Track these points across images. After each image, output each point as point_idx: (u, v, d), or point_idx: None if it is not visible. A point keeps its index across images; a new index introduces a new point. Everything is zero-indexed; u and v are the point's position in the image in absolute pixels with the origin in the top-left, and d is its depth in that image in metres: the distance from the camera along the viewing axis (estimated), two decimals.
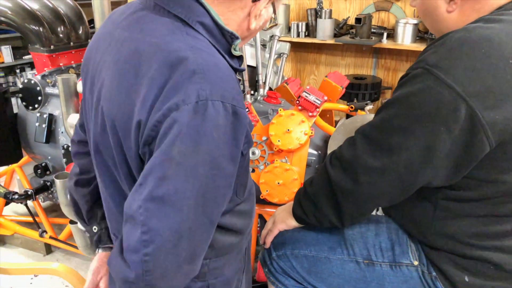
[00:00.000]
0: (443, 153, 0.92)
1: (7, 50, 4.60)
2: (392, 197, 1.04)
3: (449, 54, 0.90)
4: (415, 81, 0.93)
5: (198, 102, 0.72)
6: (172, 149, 0.72)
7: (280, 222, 1.28)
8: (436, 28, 1.08)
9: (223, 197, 0.81)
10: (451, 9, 1.00)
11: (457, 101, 0.87)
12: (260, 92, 2.07)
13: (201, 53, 0.77)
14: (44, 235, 2.28)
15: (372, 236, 1.18)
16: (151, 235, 0.73)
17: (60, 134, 2.12)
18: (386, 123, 0.98)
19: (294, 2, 3.66)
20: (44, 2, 2.26)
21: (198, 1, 0.83)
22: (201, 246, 0.81)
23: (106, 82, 0.85)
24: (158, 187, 0.73)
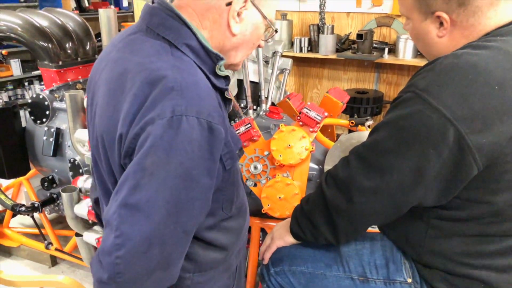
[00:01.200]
0: (433, 174, 0.95)
1: (16, 64, 4.69)
2: (385, 216, 1.07)
3: (438, 80, 0.94)
4: (405, 105, 0.97)
5: (173, 117, 0.77)
6: (145, 160, 0.77)
7: (278, 239, 1.31)
8: (428, 52, 1.12)
9: (199, 210, 0.85)
10: (441, 35, 1.04)
11: (445, 125, 0.90)
12: (262, 107, 2.11)
13: (181, 72, 0.83)
14: (50, 247, 2.31)
15: (367, 253, 1.21)
16: (123, 239, 0.77)
17: (67, 148, 2.17)
18: (378, 145, 1.01)
19: (297, 18, 3.72)
20: (53, 19, 2.33)
21: (186, 25, 0.89)
22: (176, 255, 0.84)
23: (99, 100, 0.92)
24: (131, 195, 0.78)
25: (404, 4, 1.08)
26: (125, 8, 6.25)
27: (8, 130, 2.20)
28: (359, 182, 1.03)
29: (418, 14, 1.05)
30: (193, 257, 0.98)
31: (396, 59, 3.23)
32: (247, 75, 2.05)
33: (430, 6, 1.01)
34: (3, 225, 2.52)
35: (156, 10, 0.91)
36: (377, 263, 1.19)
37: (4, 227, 2.52)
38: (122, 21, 5.04)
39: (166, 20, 0.90)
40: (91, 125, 0.99)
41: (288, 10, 3.66)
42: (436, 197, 0.99)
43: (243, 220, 1.11)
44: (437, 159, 0.93)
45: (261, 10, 0.95)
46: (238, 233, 1.08)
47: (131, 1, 6.24)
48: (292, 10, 3.68)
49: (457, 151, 0.91)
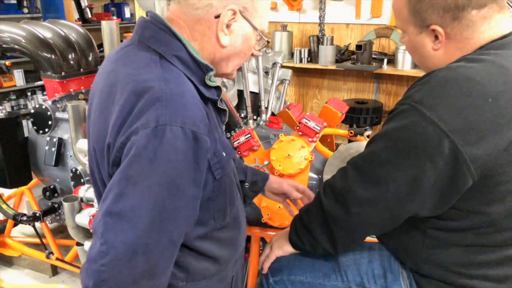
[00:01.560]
0: (429, 185, 0.96)
1: (19, 74, 4.73)
2: (382, 227, 1.09)
3: (433, 92, 0.96)
4: (401, 117, 0.98)
5: (157, 126, 0.79)
6: (129, 169, 0.79)
7: (277, 248, 1.31)
8: (423, 64, 1.13)
9: (185, 219, 0.86)
10: (436, 48, 1.05)
11: (440, 137, 0.92)
12: (262, 117, 2.13)
13: (168, 83, 0.85)
14: (51, 256, 2.31)
15: (365, 263, 1.22)
16: (107, 247, 0.78)
17: (69, 157, 2.18)
18: (374, 156, 1.03)
19: (297, 29, 3.76)
20: (56, 31, 2.36)
21: (176, 37, 0.91)
22: (162, 265, 0.84)
23: (93, 111, 0.95)
24: (116, 203, 0.79)
25: (400, 18, 1.10)
26: (127, 19, 6.32)
27: (10, 140, 2.22)
28: (356, 193, 1.05)
29: (413, 27, 1.07)
30: (186, 266, 0.98)
31: (395, 69, 3.26)
32: (247, 86, 2.08)
33: (425, 20, 1.03)
34: (5, 235, 2.53)
35: (148, 23, 0.94)
36: (375, 272, 1.20)
37: (5, 236, 2.53)
38: (125, 32, 5.09)
39: (157, 32, 0.92)
40: (88, 135, 1.02)
41: (288, 22, 3.70)
42: (432, 208, 1.00)
43: (238, 231, 1.11)
44: (433, 171, 0.94)
45: (251, 22, 0.96)
46: (233, 245, 1.09)
47: (133, 12, 6.31)
48: (292, 21, 3.72)
49: (452, 163, 0.93)
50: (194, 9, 0.92)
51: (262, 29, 0.99)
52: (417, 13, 1.03)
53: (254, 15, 0.96)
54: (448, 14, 0.99)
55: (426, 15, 1.02)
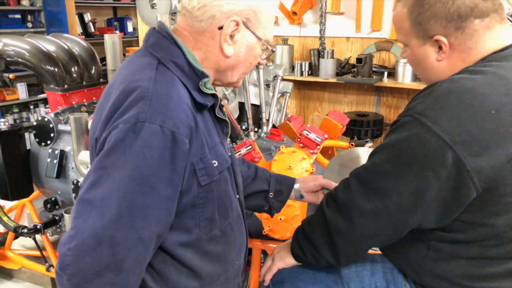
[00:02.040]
0: (432, 197, 0.96)
1: (22, 87, 4.77)
2: (385, 238, 1.07)
3: (436, 104, 0.96)
4: (404, 128, 0.98)
5: (137, 123, 0.82)
6: (105, 160, 0.82)
7: (278, 260, 1.30)
8: (426, 76, 1.13)
9: (157, 219, 0.85)
10: (440, 58, 1.05)
11: (443, 149, 0.92)
12: (263, 129, 2.14)
13: (156, 84, 0.88)
14: (51, 269, 2.30)
15: (368, 275, 1.20)
16: (75, 232, 0.80)
17: (71, 169, 2.19)
18: (377, 167, 1.03)
19: (298, 43, 3.80)
20: (59, 44, 2.39)
21: (177, 44, 0.96)
22: (130, 262, 0.83)
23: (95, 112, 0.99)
24: (88, 191, 0.82)
25: (401, 31, 1.09)
26: (130, 33, 6.39)
27: (13, 152, 2.22)
28: (359, 204, 1.04)
29: (416, 39, 1.06)
30: (165, 276, 0.97)
31: (395, 82, 3.28)
32: (248, 98, 2.09)
33: (428, 31, 1.03)
34: (5, 247, 2.52)
35: (154, 32, 1.00)
36: (378, 285, 1.18)
37: (6, 249, 2.51)
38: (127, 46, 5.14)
39: (159, 40, 0.97)
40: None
41: (289, 35, 3.74)
42: (436, 220, 1.00)
43: (230, 247, 1.07)
44: (436, 182, 0.94)
45: (255, 32, 0.98)
46: (221, 261, 1.05)
47: (136, 26, 6.39)
48: (293, 35, 3.76)
49: (455, 174, 0.92)
50: (198, 21, 0.96)
51: (267, 39, 1.01)
52: (420, 24, 1.03)
53: (257, 26, 0.98)
54: (451, 24, 0.99)
55: (429, 25, 1.02)
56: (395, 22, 1.11)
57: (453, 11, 0.98)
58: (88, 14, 5.85)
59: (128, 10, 6.64)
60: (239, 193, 1.13)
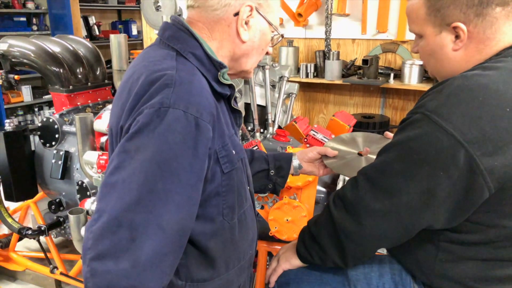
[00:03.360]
0: (443, 197, 0.93)
1: (27, 90, 4.79)
2: (394, 239, 1.05)
3: (448, 101, 0.93)
4: (414, 126, 0.96)
5: (161, 108, 0.83)
6: (129, 143, 0.82)
7: (284, 262, 1.28)
8: (439, 69, 1.09)
9: (177, 206, 0.83)
10: (457, 47, 1.02)
11: (455, 147, 0.89)
12: (269, 130, 2.12)
13: (179, 72, 0.89)
14: (55, 271, 2.29)
15: (375, 277, 1.18)
16: (98, 215, 0.80)
17: (75, 170, 2.18)
18: (387, 166, 1.01)
19: (303, 45, 3.79)
20: (65, 45, 2.39)
21: (194, 36, 0.97)
22: (148, 253, 0.79)
23: (113, 103, 1.01)
24: (112, 174, 0.82)
25: (416, 21, 1.06)
26: (134, 36, 6.41)
27: (18, 153, 2.22)
28: (368, 204, 1.02)
29: (432, 27, 1.03)
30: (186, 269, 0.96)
31: (401, 84, 3.26)
32: (254, 99, 2.08)
33: (446, 17, 0.99)
34: (9, 249, 2.51)
35: (169, 25, 1.02)
36: (386, 287, 1.16)
37: (10, 250, 2.51)
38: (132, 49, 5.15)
39: (176, 32, 0.99)
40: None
41: (294, 37, 3.73)
42: (446, 220, 0.98)
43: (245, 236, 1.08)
44: (447, 182, 0.92)
45: (266, 17, 1.02)
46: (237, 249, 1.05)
47: (140, 29, 6.40)
48: (298, 37, 3.75)
49: (467, 174, 0.90)
50: (213, 10, 0.98)
51: (276, 25, 1.05)
52: (438, 10, 1.00)
53: (268, 11, 1.02)
54: (472, 10, 0.96)
55: (448, 11, 0.98)
56: (409, 12, 1.08)
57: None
58: (92, 17, 5.88)
59: (132, 13, 6.66)
60: (250, 184, 1.14)
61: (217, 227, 0.97)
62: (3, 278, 2.53)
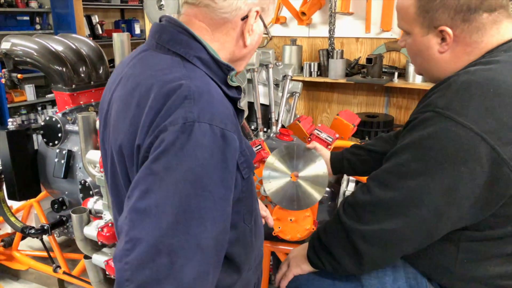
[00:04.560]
0: (467, 193, 0.91)
1: (30, 89, 4.79)
2: (418, 243, 1.02)
3: (459, 96, 0.93)
4: (427, 125, 0.94)
5: (186, 123, 0.78)
6: (156, 165, 0.77)
7: (295, 267, 1.25)
8: (426, 68, 1.10)
9: (213, 222, 0.80)
10: (442, 50, 1.03)
11: (475, 140, 0.89)
12: (273, 129, 2.11)
13: (194, 81, 0.84)
14: (58, 270, 2.29)
15: (390, 281, 1.15)
16: (132, 245, 0.75)
17: (78, 169, 2.18)
18: (402, 168, 0.98)
19: (306, 43, 3.77)
20: (67, 44, 2.38)
21: (196, 39, 0.92)
22: (190, 272, 0.77)
23: (113, 116, 0.93)
24: (141, 199, 0.77)
25: (405, 18, 1.07)
26: (137, 35, 6.40)
27: (21, 152, 2.22)
28: (387, 208, 0.99)
29: (420, 28, 1.04)
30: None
31: (406, 83, 3.24)
32: (257, 98, 2.06)
33: (434, 20, 1.01)
34: (12, 248, 2.51)
35: (165, 27, 0.94)
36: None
37: (13, 250, 2.51)
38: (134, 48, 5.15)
39: (175, 35, 0.92)
40: (106, 142, 0.99)
41: (298, 36, 3.71)
42: (470, 217, 0.95)
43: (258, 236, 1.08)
44: (470, 177, 0.90)
45: (265, 21, 1.00)
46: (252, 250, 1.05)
47: (143, 28, 6.40)
48: (301, 36, 3.73)
49: (491, 165, 0.89)
50: (222, 12, 0.93)
51: (268, 27, 1.03)
52: (427, 12, 1.01)
53: (267, 15, 1.01)
54: (459, 16, 0.98)
55: (437, 15, 1.00)
56: (399, 8, 1.08)
57: (463, 2, 0.97)
58: (95, 16, 5.88)
59: (135, 12, 6.66)
60: None
61: (239, 232, 0.96)
62: (6, 277, 2.53)
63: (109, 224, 1.68)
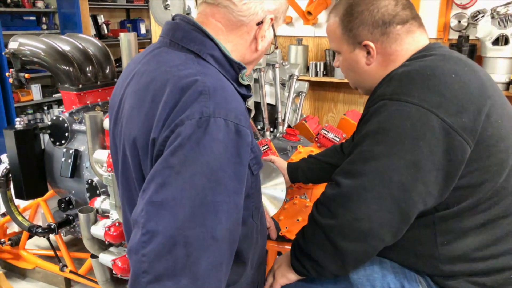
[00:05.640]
0: (429, 166, 0.97)
1: (36, 89, 4.81)
2: (394, 227, 1.01)
3: (402, 83, 1.03)
4: (380, 111, 1.01)
5: (202, 118, 0.81)
6: (173, 158, 0.79)
7: (280, 277, 1.22)
8: (359, 80, 1.21)
9: (227, 215, 0.82)
10: (369, 62, 1.15)
11: (426, 115, 0.97)
12: (279, 129, 2.11)
13: (209, 77, 0.87)
14: (65, 269, 2.30)
15: (379, 278, 1.14)
16: (149, 237, 0.77)
17: (85, 169, 2.18)
18: (366, 154, 1.01)
19: (312, 43, 3.76)
20: (74, 44, 2.39)
21: (209, 37, 0.95)
22: (205, 265, 0.79)
23: (127, 111, 0.95)
24: (158, 192, 0.79)
25: (334, 40, 1.19)
26: (143, 35, 6.42)
27: (28, 151, 2.23)
28: (359, 195, 1.00)
29: (347, 45, 1.16)
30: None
31: None
32: (264, 98, 2.06)
33: (357, 37, 1.13)
34: (19, 247, 2.53)
35: (179, 25, 0.97)
36: (391, 286, 1.12)
37: (20, 248, 2.52)
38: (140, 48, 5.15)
39: (189, 33, 0.95)
40: (117, 138, 1.00)
41: (304, 36, 3.70)
42: (439, 191, 0.99)
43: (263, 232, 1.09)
44: (429, 149, 0.96)
45: (275, 30, 1.04)
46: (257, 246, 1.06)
47: (148, 28, 6.41)
48: (307, 35, 3.72)
49: (444, 136, 0.96)
50: (240, 15, 0.97)
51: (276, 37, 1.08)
52: (350, 31, 1.13)
53: (277, 24, 1.05)
54: (377, 30, 1.11)
55: (358, 32, 1.12)
56: (328, 31, 1.21)
57: (377, 18, 1.10)
58: (101, 16, 5.89)
59: (141, 12, 6.67)
60: None
61: (248, 228, 0.97)
62: (13, 275, 2.55)
63: (116, 224, 1.68)
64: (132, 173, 0.95)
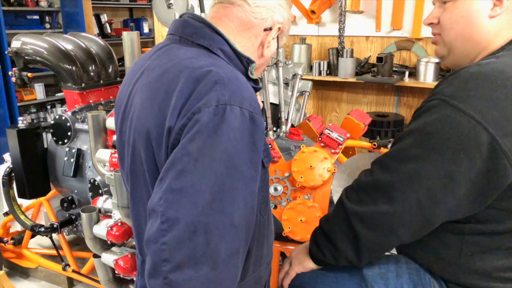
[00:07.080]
0: (464, 181, 0.92)
1: (40, 88, 4.81)
2: (413, 229, 1.01)
3: (465, 85, 0.94)
4: (431, 112, 0.96)
5: (218, 105, 0.81)
6: (191, 145, 0.80)
7: (297, 264, 1.25)
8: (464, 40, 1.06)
9: (244, 202, 0.83)
10: (494, 14, 1.01)
11: (476, 128, 0.89)
12: (282, 128, 2.09)
13: (222, 68, 0.88)
14: (67, 268, 2.30)
15: (393, 277, 1.14)
16: (169, 225, 0.77)
17: (88, 168, 2.18)
18: (403, 153, 0.99)
19: (316, 42, 3.75)
20: (77, 43, 2.38)
21: (218, 33, 0.96)
22: (225, 251, 0.80)
23: (137, 104, 0.95)
24: (177, 179, 0.79)
25: None
26: (146, 34, 6.42)
27: (31, 150, 2.23)
28: (386, 190, 1.00)
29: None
30: None
31: (416, 82, 3.20)
32: (267, 97, 2.05)
33: None
34: (22, 246, 2.53)
35: (188, 22, 0.99)
36: (405, 287, 1.12)
37: (22, 248, 2.52)
38: (143, 47, 5.16)
39: (199, 29, 0.97)
40: (125, 134, 1.01)
41: (307, 35, 3.69)
42: (468, 206, 0.95)
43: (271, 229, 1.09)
44: (469, 164, 0.90)
45: (279, 42, 1.08)
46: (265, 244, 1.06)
47: (151, 27, 6.41)
48: (311, 34, 3.71)
49: (490, 155, 0.89)
50: (252, 16, 1.00)
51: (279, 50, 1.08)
52: None
53: (283, 35, 1.09)
54: None
55: None
56: None
57: None
58: (104, 15, 5.90)
59: (144, 11, 6.67)
60: None
61: (256, 223, 0.96)
62: (15, 275, 2.54)
63: (118, 223, 1.68)
64: (142, 168, 0.95)
